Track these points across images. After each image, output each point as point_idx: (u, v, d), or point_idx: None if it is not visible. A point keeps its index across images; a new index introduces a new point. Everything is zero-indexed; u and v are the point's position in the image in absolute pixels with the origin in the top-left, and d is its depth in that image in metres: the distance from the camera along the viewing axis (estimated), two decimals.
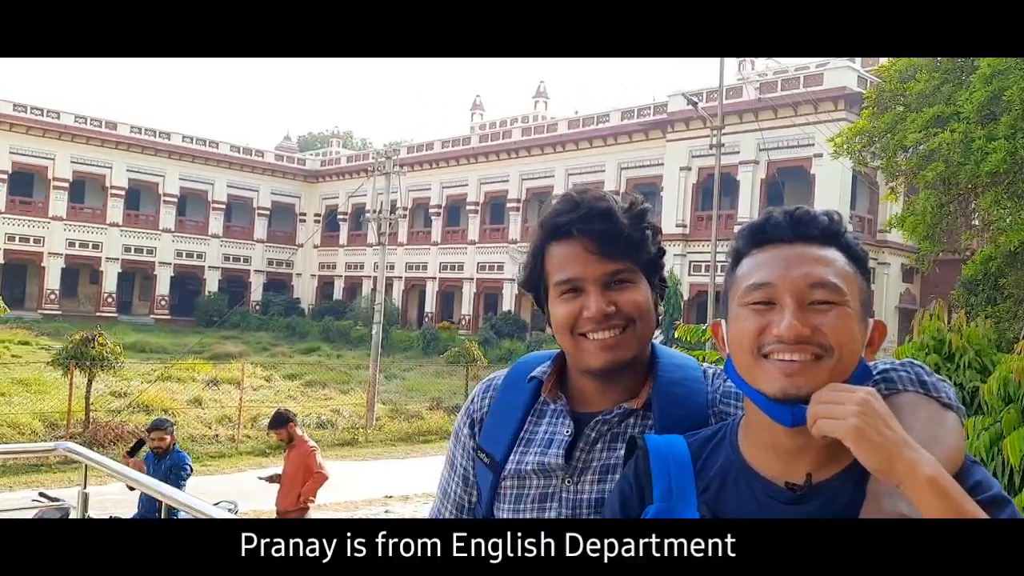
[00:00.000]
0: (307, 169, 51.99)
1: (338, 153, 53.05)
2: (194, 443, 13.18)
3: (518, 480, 1.26)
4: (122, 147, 43.76)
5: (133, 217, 44.84)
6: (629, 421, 1.23)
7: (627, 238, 1.19)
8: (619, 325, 1.19)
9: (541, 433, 1.27)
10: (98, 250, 43.12)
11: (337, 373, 23.76)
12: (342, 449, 14.40)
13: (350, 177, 48.53)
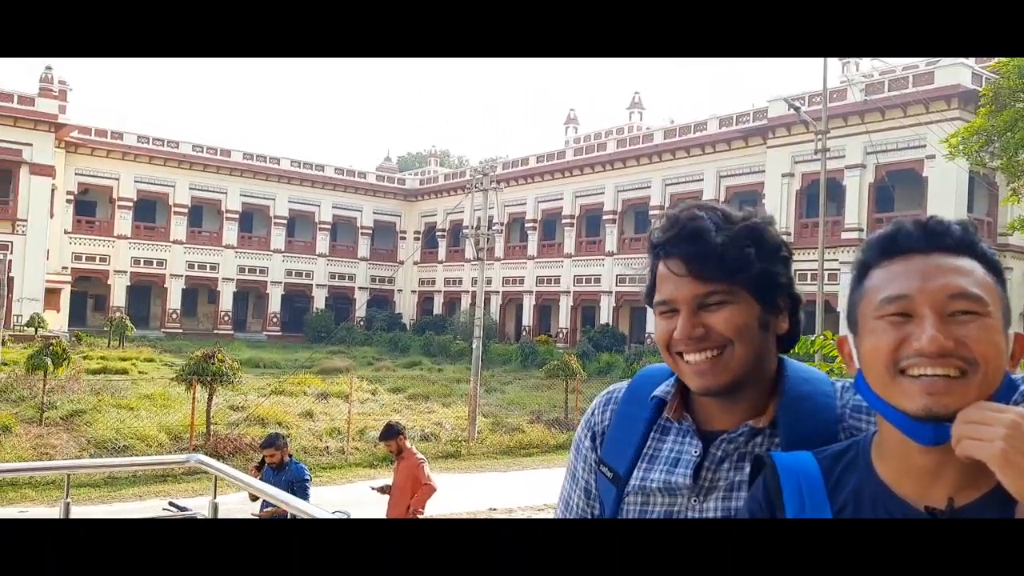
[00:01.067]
0: (407, 188, 53.39)
1: (436, 172, 54.31)
2: (306, 455, 13.71)
3: (642, 497, 1.25)
4: (235, 173, 46.17)
5: (246, 239, 47.16)
6: (757, 440, 1.20)
7: (721, 258, 1.15)
8: (712, 347, 1.16)
9: (666, 451, 1.26)
10: (215, 271, 45.55)
11: (439, 386, 24.21)
12: (446, 461, 14.67)
13: (448, 195, 49.50)
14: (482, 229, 21.01)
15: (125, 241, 42.80)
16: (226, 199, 45.97)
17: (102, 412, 15.60)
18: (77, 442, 13.46)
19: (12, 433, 13.21)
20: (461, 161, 72.97)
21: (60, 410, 15.60)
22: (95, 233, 42.39)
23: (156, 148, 43.75)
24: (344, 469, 14.02)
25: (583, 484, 1.36)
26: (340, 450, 14.87)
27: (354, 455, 14.75)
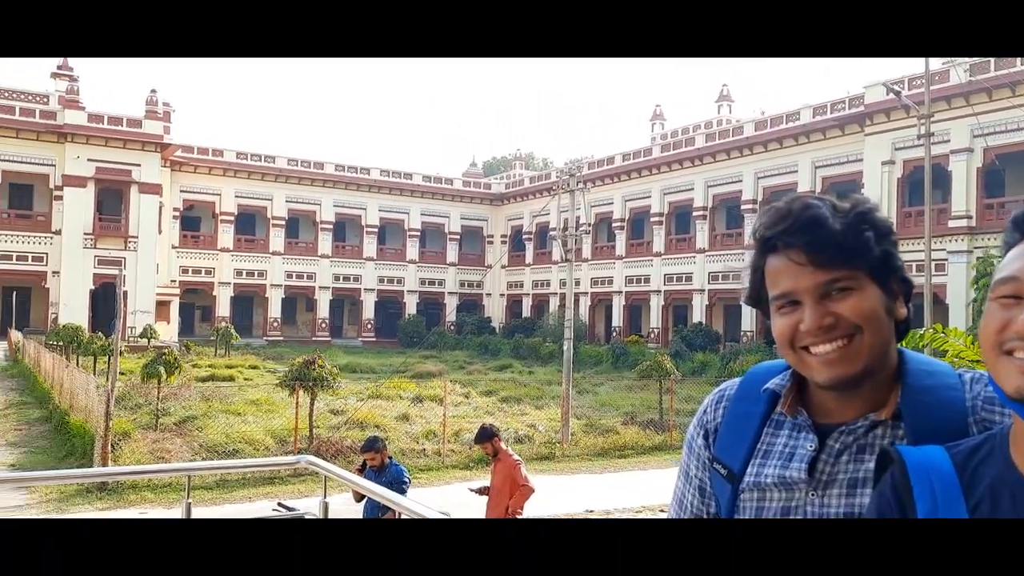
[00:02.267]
0: (493, 193, 53.86)
1: (521, 175, 54.59)
2: (404, 457, 13.95)
3: (758, 493, 1.24)
4: (328, 185, 47.68)
5: (340, 248, 48.59)
6: (876, 432, 1.17)
7: (841, 244, 1.14)
8: (842, 336, 1.14)
9: (780, 445, 1.24)
10: (311, 280, 47.11)
11: (530, 389, 24.26)
12: (540, 463, 14.66)
13: (533, 197, 49.66)
14: (569, 230, 20.93)
15: (228, 254, 44.78)
16: (320, 210, 47.48)
17: (212, 418, 16.31)
18: (190, 446, 14.10)
19: (131, 438, 13.95)
20: (546, 163, 73.08)
21: (173, 416, 16.40)
22: (200, 247, 44.51)
23: (254, 164, 45.63)
24: (441, 471, 14.20)
25: (697, 483, 1.35)
26: (436, 452, 15.08)
27: (450, 457, 14.93)
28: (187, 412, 16.90)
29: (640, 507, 11.95)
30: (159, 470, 9.09)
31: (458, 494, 11.09)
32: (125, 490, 11.71)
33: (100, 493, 11.61)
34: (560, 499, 12.05)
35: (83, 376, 16.65)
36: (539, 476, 12.82)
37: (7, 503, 11.09)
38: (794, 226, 1.16)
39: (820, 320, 1.14)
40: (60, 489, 11.55)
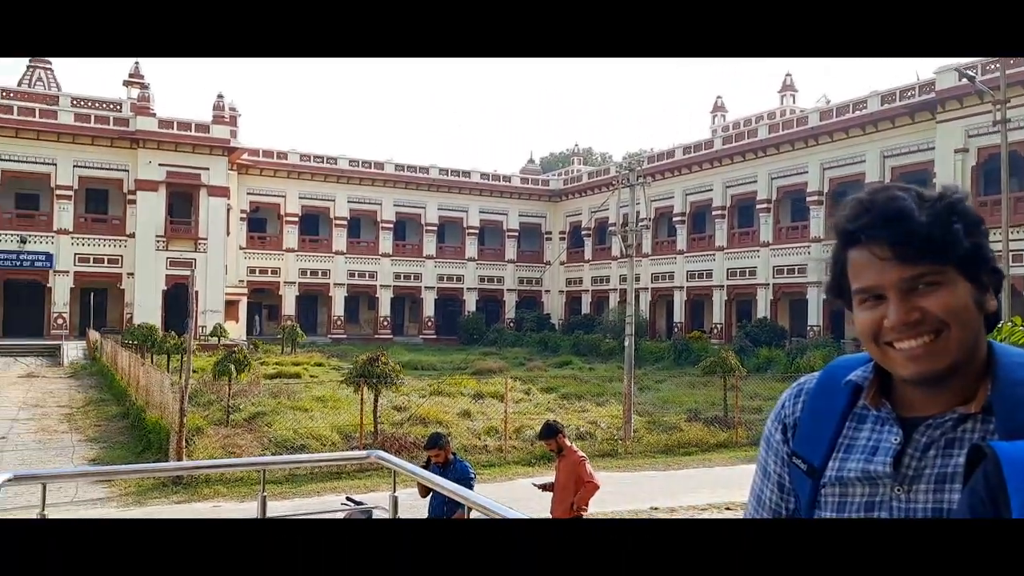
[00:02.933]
0: (551, 189, 53.78)
1: (579, 170, 54.35)
2: (466, 453, 14.05)
3: (840, 488, 1.21)
4: (388, 185, 48.32)
5: (401, 247, 49.21)
6: (966, 426, 1.14)
7: (928, 238, 1.10)
8: (928, 332, 1.11)
9: (863, 439, 1.22)
10: (373, 279, 47.84)
11: (591, 385, 24.17)
12: (602, 460, 14.59)
13: (592, 193, 49.41)
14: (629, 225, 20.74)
15: (292, 254, 45.79)
16: (381, 210, 48.16)
17: (280, 414, 16.72)
18: (260, 442, 14.48)
19: (204, 434, 14.41)
20: (604, 158, 72.62)
21: (243, 412, 16.86)
22: (266, 248, 45.62)
23: (317, 165, 46.54)
24: (504, 467, 14.26)
25: (776, 479, 1.33)
26: (499, 448, 15.15)
27: (512, 453, 14.98)
28: (256, 408, 17.36)
29: (706, 504, 11.79)
30: (234, 464, 9.35)
31: (521, 490, 11.10)
32: (199, 484, 12.08)
33: (175, 487, 12.01)
34: (624, 496, 11.97)
35: (158, 374, 17.24)
36: (602, 473, 12.72)
37: (89, 496, 11.57)
38: (878, 219, 1.13)
39: (905, 316, 1.11)
40: (138, 483, 11.98)
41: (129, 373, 21.05)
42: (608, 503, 10.62)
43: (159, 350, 27.02)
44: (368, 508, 6.67)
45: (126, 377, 21.43)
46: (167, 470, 11.39)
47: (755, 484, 1.38)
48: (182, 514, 10.72)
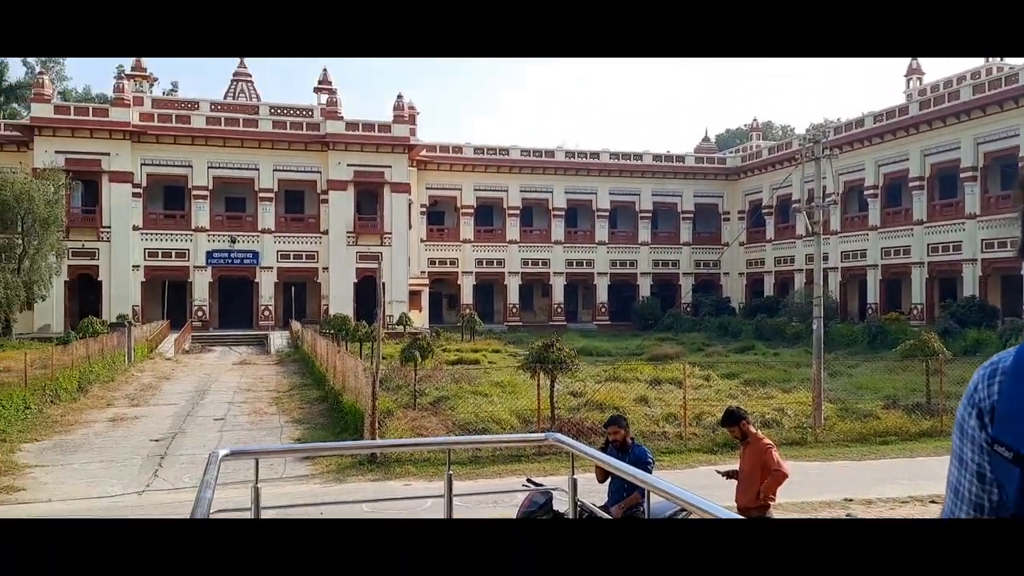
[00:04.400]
0: (727, 167, 51.89)
1: (758, 146, 51.95)
2: (644, 439, 13.88)
3: None
4: (559, 172, 48.66)
5: (572, 234, 49.47)
6: None
7: None
8: None
9: None
10: (546, 266, 48.46)
11: (776, 371, 23.10)
12: (791, 449, 13.89)
13: (773, 169, 47.15)
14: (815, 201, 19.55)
15: (469, 244, 47.37)
16: (552, 198, 48.63)
17: (462, 398, 17.36)
18: (444, 424, 15.11)
19: (394, 416, 15.23)
20: (786, 132, 69.01)
21: (428, 396, 17.67)
22: (444, 240, 47.47)
23: (490, 157, 47.76)
24: (684, 454, 13.96)
25: (974, 468, 1.21)
26: (678, 435, 14.84)
27: (692, 440, 14.63)
28: (440, 393, 18.13)
29: (907, 497, 10.93)
30: (422, 444, 9.81)
31: (703, 477, 10.82)
32: (391, 463, 12.78)
33: (370, 465, 12.78)
34: (814, 486, 11.34)
35: (352, 360, 18.43)
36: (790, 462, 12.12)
37: (295, 472, 12.58)
38: None
39: None
40: (338, 461, 12.87)
41: (327, 360, 22.66)
42: (797, 493, 10.11)
43: (352, 338, 28.91)
44: (548, 490, 6.75)
45: (324, 364, 23.09)
46: (363, 449, 12.15)
47: (951, 475, 1.26)
48: (378, 492, 11.40)
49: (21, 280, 33.40)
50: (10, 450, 14.03)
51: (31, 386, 17.95)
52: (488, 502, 9.81)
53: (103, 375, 23.52)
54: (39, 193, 33.53)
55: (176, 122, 40.45)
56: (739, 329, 39.51)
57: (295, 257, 42.10)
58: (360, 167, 41.89)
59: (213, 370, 27.88)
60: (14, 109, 54.70)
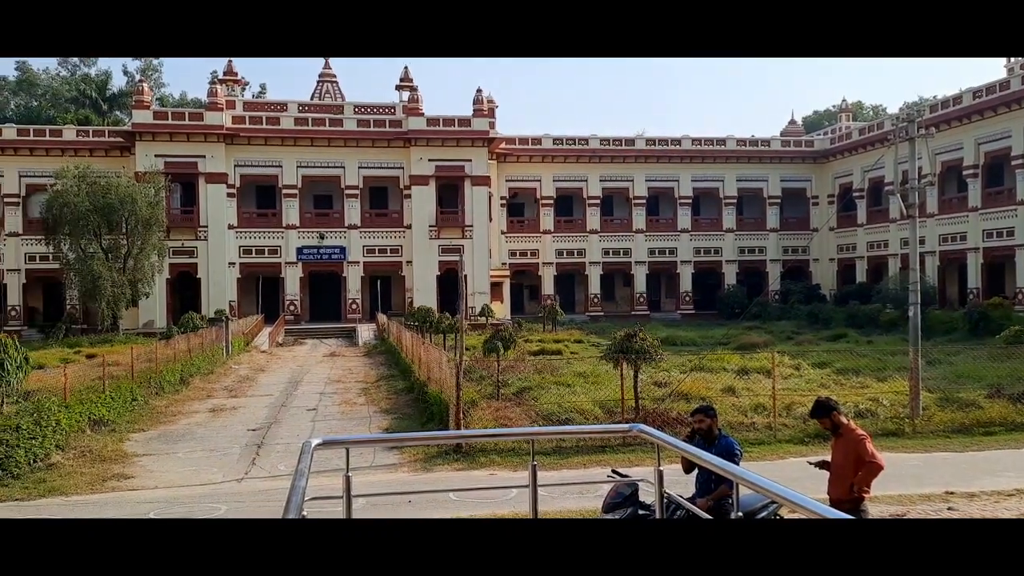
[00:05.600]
0: (815, 150, 50.18)
1: (848, 127, 49.98)
2: (732, 430, 13.63)
3: None
4: (640, 160, 48.06)
5: (654, 222, 48.83)
6: None
7: None
8: None
9: None
10: (627, 256, 48.03)
11: (870, 360, 22.25)
12: (886, 440, 13.39)
13: (864, 150, 45.36)
14: (910, 183, 18.73)
15: (549, 236, 47.38)
16: (632, 186, 48.10)
17: (545, 388, 17.43)
18: (527, 415, 15.20)
19: (477, 407, 15.42)
20: (877, 112, 66.21)
21: (511, 387, 17.81)
22: (525, 231, 47.62)
23: (569, 148, 47.58)
24: (773, 445, 13.64)
25: None
26: (767, 426, 14.52)
27: (782, 431, 14.28)
28: (523, 383, 18.24)
29: (1012, 490, 10.40)
30: (507, 434, 9.92)
31: (793, 468, 10.58)
32: (476, 453, 12.97)
33: (456, 455, 12.99)
34: (912, 479, 10.92)
35: (436, 352, 18.74)
36: (886, 453, 11.69)
37: (384, 461, 12.91)
38: None
39: None
40: (424, 450, 13.14)
41: (412, 352, 23.12)
42: (892, 486, 9.76)
43: (436, 330, 29.39)
44: (633, 481, 6.74)
45: (409, 355, 23.56)
46: (449, 439, 12.37)
47: None
48: (464, 481, 11.59)
49: (127, 279, 35.35)
50: (120, 440, 14.89)
51: (137, 379, 18.98)
52: (573, 493, 9.84)
53: (203, 368, 24.65)
54: (141, 196, 35.38)
55: (266, 124, 41.91)
56: (830, 317, 38.24)
57: (380, 251, 43.05)
58: (441, 162, 42.46)
59: (305, 362, 28.83)
60: (117, 116, 57.72)
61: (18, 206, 41.55)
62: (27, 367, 14.37)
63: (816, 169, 50.10)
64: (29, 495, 11.17)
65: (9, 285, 40.54)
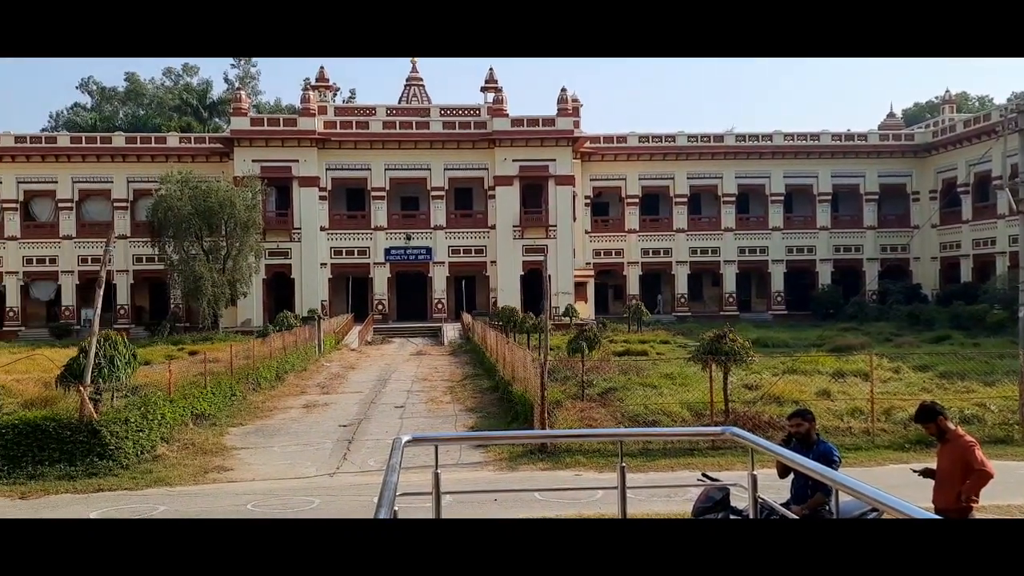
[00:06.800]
0: (916, 144, 47.94)
1: (951, 120, 47.55)
2: (827, 435, 13.13)
3: None
4: (729, 157, 46.97)
5: (743, 220, 47.65)
6: None
7: None
8: None
9: None
10: (716, 255, 47.05)
11: (977, 363, 21.07)
12: (994, 447, 12.65)
13: (969, 143, 43.07)
14: (1020, 176, 17.68)
15: (635, 235, 46.87)
16: (721, 183, 47.08)
17: (630, 390, 17.22)
18: (613, 416, 15.06)
19: (562, 407, 15.39)
20: (984, 103, 62.76)
21: (596, 388, 17.68)
22: (609, 231, 47.27)
23: (656, 145, 46.96)
24: (872, 451, 13.10)
25: None
26: (865, 431, 13.95)
27: (881, 437, 13.70)
28: (608, 384, 18.08)
29: None
30: (594, 434, 9.86)
31: (894, 475, 10.14)
32: (561, 453, 12.94)
33: (540, 455, 12.99)
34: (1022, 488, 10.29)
35: (520, 351, 18.81)
36: (994, 461, 11.06)
37: (470, 459, 13.04)
38: None
39: None
40: (509, 449, 13.20)
41: (496, 351, 23.27)
42: (1002, 495, 9.22)
43: (520, 330, 29.50)
44: (724, 485, 6.57)
45: (494, 354, 23.72)
46: (535, 438, 12.39)
47: None
48: (550, 481, 11.58)
49: (226, 279, 36.95)
50: (220, 433, 15.54)
51: (236, 375, 19.77)
52: (660, 496, 9.70)
53: (297, 365, 25.48)
54: (239, 199, 36.92)
55: (356, 128, 43.02)
56: (932, 318, 36.45)
57: (464, 252, 43.54)
58: (525, 162, 42.61)
59: (392, 360, 29.43)
60: (216, 123, 60.35)
61: (127, 210, 43.95)
62: (135, 363, 15.14)
63: (917, 163, 47.87)
64: (137, 485, 11.77)
65: (118, 285, 42.89)
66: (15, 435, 12.24)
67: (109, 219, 42.82)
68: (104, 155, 43.95)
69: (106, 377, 13.77)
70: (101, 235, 41.95)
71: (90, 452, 12.36)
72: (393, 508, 2.90)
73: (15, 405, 15.26)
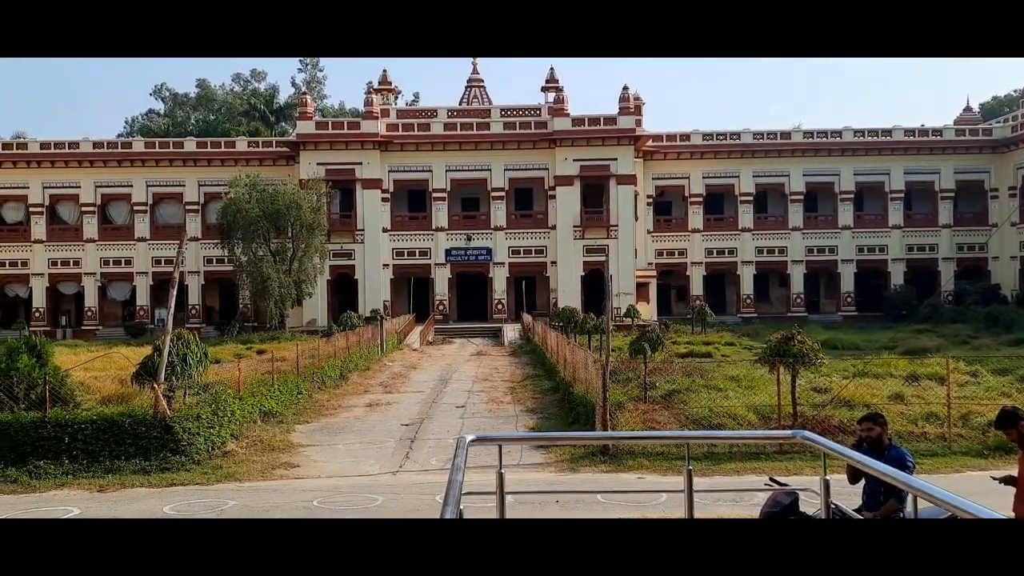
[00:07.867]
0: (994, 139, 46.00)
1: None
2: (900, 440, 12.68)
3: None
4: (796, 154, 45.90)
5: (812, 219, 46.52)
6: None
7: None
8: None
9: None
10: (783, 255, 45.98)
11: None
12: None
13: None
14: None
15: (699, 235, 46.14)
16: (789, 181, 46.01)
17: (694, 392, 16.93)
18: (676, 419, 14.83)
19: (624, 409, 15.22)
20: None
21: (659, 390, 17.43)
22: (672, 230, 46.65)
23: (720, 143, 46.17)
24: (948, 457, 12.60)
25: None
26: (940, 436, 13.43)
27: (957, 442, 13.16)
28: (671, 386, 17.81)
29: None
30: (659, 436, 9.73)
31: (971, 483, 9.71)
32: (623, 455, 12.80)
33: (602, 457, 12.88)
34: None
35: (581, 352, 18.69)
36: None
37: (531, 460, 13.01)
38: None
39: None
40: (571, 451, 13.13)
41: (557, 352, 23.19)
42: None
43: (580, 330, 29.34)
44: (793, 490, 6.39)
45: (554, 355, 23.64)
46: (599, 439, 12.29)
47: None
48: (612, 483, 11.47)
49: (292, 279, 37.80)
50: (287, 431, 15.88)
51: (302, 374, 20.18)
52: (726, 500, 9.50)
53: (360, 364, 25.87)
54: (305, 201, 37.73)
55: (417, 130, 43.50)
56: (1012, 320, 34.91)
57: (524, 252, 43.56)
58: (586, 161, 42.40)
59: (453, 360, 29.63)
60: (283, 128, 61.81)
61: (197, 213, 45.35)
62: (206, 361, 15.59)
63: (995, 159, 45.93)
64: (208, 480, 12.11)
65: (190, 286, 44.28)
66: (93, 430, 12.73)
67: (181, 221, 44.25)
68: (176, 159, 45.46)
69: (179, 375, 14.21)
70: (173, 237, 43.34)
71: (164, 447, 12.76)
72: (459, 507, 2.89)
73: (93, 401, 15.89)
